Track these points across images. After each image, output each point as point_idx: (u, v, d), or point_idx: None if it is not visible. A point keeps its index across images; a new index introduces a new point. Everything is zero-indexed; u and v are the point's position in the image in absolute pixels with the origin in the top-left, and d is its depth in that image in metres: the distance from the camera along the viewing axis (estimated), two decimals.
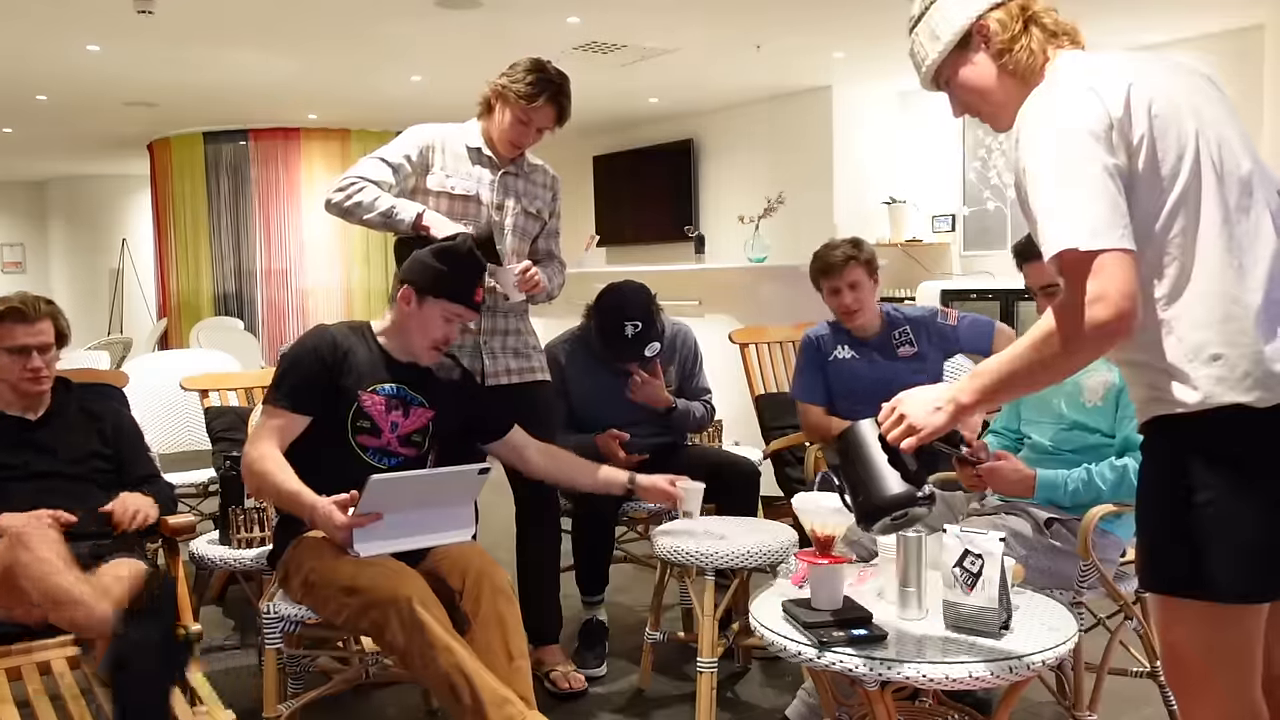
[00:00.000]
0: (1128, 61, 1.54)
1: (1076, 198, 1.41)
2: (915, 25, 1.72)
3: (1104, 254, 1.38)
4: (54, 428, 2.58)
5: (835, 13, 5.78)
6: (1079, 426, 2.52)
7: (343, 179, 2.75)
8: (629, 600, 3.80)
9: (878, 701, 1.86)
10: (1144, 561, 1.54)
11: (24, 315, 2.53)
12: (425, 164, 2.85)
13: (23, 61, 6.59)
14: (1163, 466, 1.50)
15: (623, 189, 9.34)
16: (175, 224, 9.57)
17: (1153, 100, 1.46)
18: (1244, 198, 1.47)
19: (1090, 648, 2.47)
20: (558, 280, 3.03)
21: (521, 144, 2.91)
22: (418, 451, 2.53)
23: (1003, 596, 1.88)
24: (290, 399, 2.42)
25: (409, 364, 2.54)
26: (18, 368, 2.50)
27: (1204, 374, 1.42)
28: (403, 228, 2.70)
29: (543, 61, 2.86)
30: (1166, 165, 1.45)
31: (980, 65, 1.65)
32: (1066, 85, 1.50)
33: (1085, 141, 1.43)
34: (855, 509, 1.77)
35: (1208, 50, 6.26)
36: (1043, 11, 1.63)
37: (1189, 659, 1.51)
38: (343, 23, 5.83)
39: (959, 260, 7.78)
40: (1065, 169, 1.43)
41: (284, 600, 2.41)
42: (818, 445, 3.28)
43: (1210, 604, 1.45)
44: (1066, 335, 1.43)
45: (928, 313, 3.29)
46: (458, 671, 2.09)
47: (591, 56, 6.57)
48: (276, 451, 2.37)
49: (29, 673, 2.18)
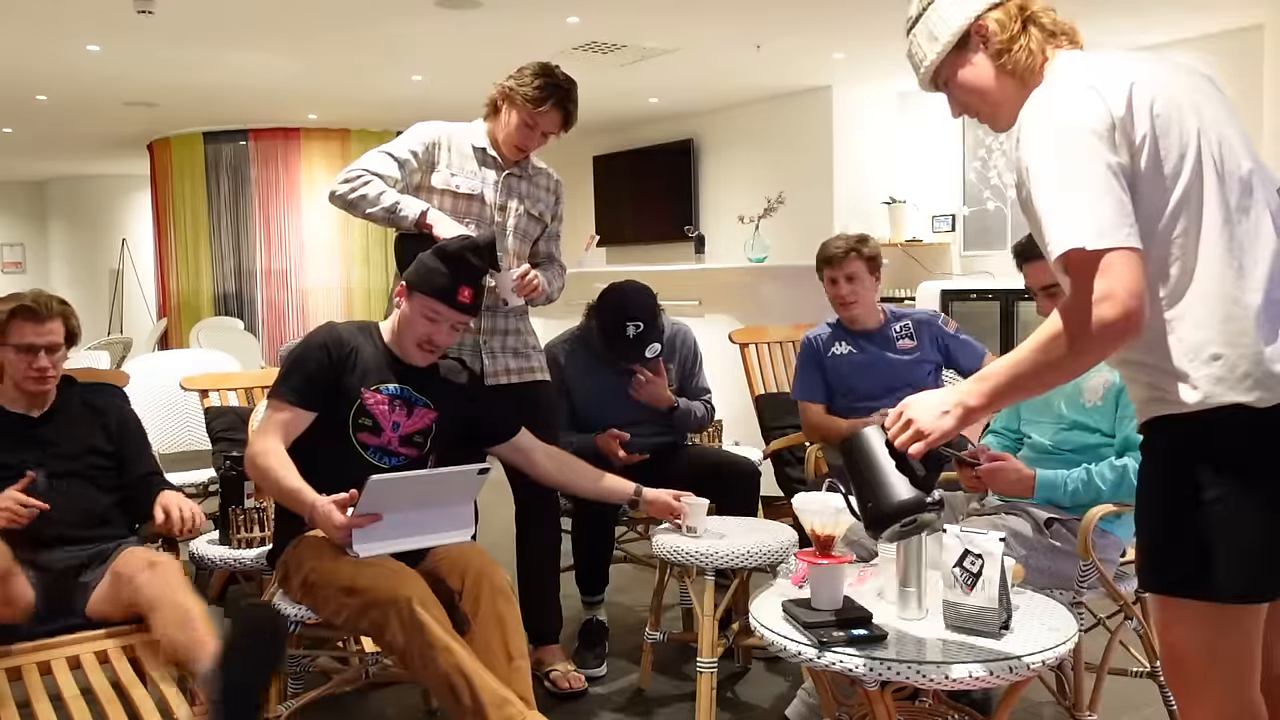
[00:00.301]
0: (1128, 61, 1.54)
1: (1081, 197, 1.40)
2: (913, 26, 1.71)
3: (1111, 253, 1.38)
4: (57, 424, 2.57)
5: (835, 13, 5.78)
6: (1079, 426, 2.52)
7: (348, 171, 2.74)
8: (629, 600, 3.80)
9: (878, 701, 1.86)
10: (1143, 561, 1.54)
11: (35, 314, 2.49)
12: (431, 161, 2.85)
13: (23, 61, 6.59)
14: (1162, 466, 1.50)
15: (623, 189, 9.35)
16: (175, 224, 9.57)
17: (1154, 99, 1.46)
18: (1244, 198, 1.47)
19: (1090, 648, 2.47)
20: (557, 284, 3.03)
21: (526, 147, 2.91)
22: (419, 452, 2.53)
23: (1003, 596, 1.88)
24: (297, 393, 2.43)
25: (410, 365, 2.54)
26: (24, 365, 2.48)
27: (1204, 374, 1.42)
28: (406, 224, 2.70)
29: (551, 66, 2.87)
30: (1169, 164, 1.45)
31: (979, 65, 1.64)
32: (1067, 84, 1.50)
33: (1088, 140, 1.42)
34: (863, 516, 1.74)
35: (1208, 50, 6.27)
36: (1041, 11, 1.63)
37: (1188, 659, 1.51)
38: (343, 23, 5.83)
39: (959, 260, 7.78)
40: (1068, 168, 1.42)
41: (284, 600, 2.41)
42: (818, 445, 3.29)
43: (1210, 604, 1.45)
44: (1073, 335, 1.42)
45: (929, 314, 3.35)
46: (457, 672, 2.09)
47: (591, 56, 6.57)
48: (280, 446, 2.37)
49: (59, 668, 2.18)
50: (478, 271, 2.52)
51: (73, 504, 2.48)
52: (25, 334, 2.48)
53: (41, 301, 2.52)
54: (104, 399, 2.71)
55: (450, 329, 2.51)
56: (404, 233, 2.75)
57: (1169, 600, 1.50)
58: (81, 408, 2.63)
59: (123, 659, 2.21)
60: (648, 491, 2.77)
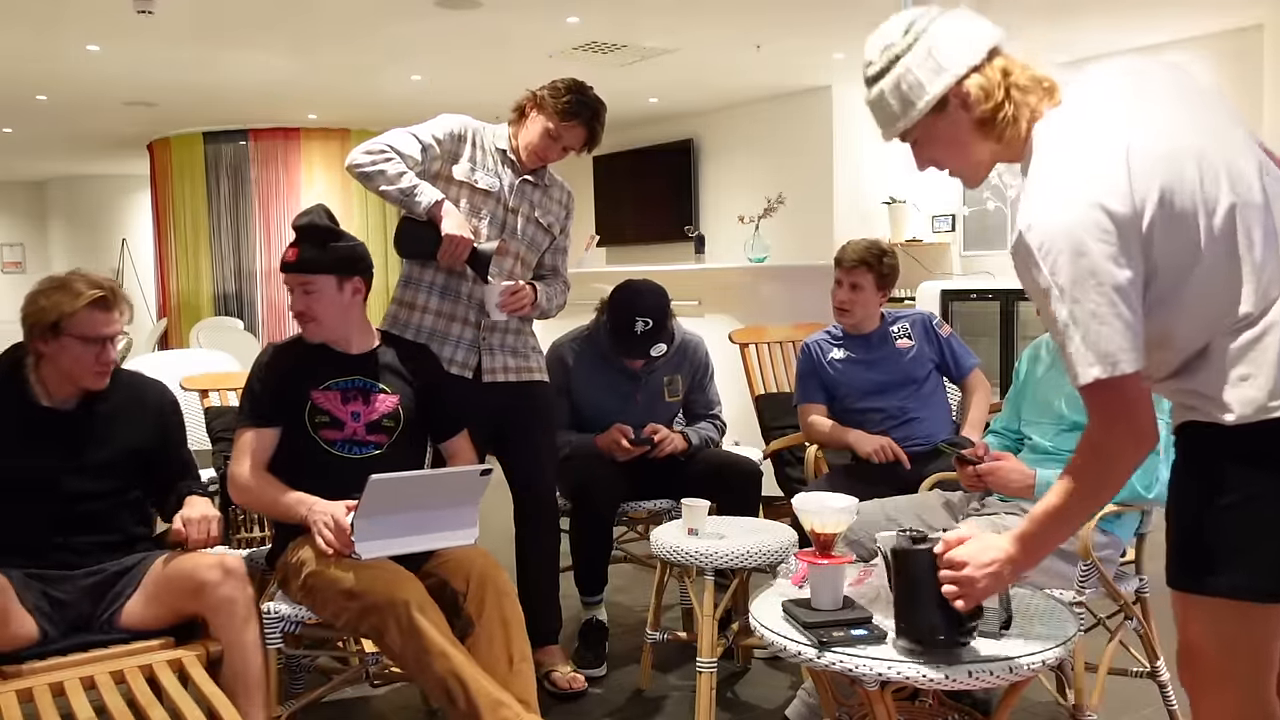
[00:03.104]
0: (1118, 116, 1.48)
1: (1092, 322, 1.41)
2: (877, 80, 1.60)
3: (1124, 379, 1.41)
4: (98, 418, 2.36)
5: (835, 13, 5.78)
6: (1079, 427, 2.52)
7: (372, 143, 2.73)
8: (629, 600, 3.80)
9: (878, 701, 1.85)
10: (1172, 557, 1.52)
11: (107, 304, 2.28)
12: (454, 153, 2.86)
13: (23, 61, 6.59)
14: (1195, 465, 1.49)
15: (623, 189, 9.35)
16: (175, 224, 9.57)
17: (1153, 167, 1.42)
18: (1265, 220, 1.45)
19: (1090, 648, 2.47)
20: (558, 300, 3.04)
21: (546, 158, 2.93)
22: (389, 438, 2.53)
23: (1003, 596, 1.88)
24: (252, 414, 2.50)
25: (357, 356, 2.57)
26: (90, 359, 2.27)
27: (1236, 396, 1.43)
28: (418, 209, 2.70)
29: (584, 85, 2.90)
30: (1186, 231, 1.42)
31: (957, 127, 1.57)
32: (1070, 203, 1.43)
33: (1097, 263, 1.40)
34: (896, 616, 1.82)
35: (1208, 50, 6.27)
36: (1019, 70, 1.55)
37: (1207, 655, 1.50)
38: (343, 23, 5.83)
39: (959, 260, 7.78)
40: (1079, 291, 1.41)
41: (284, 600, 2.41)
42: (817, 446, 3.29)
43: (1238, 602, 1.44)
44: (1104, 460, 1.50)
45: (924, 315, 3.36)
46: (453, 676, 2.10)
47: (591, 56, 6.56)
48: (256, 468, 2.44)
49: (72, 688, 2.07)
50: (304, 232, 2.51)
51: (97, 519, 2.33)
52: (97, 325, 2.26)
53: (108, 288, 2.30)
54: (151, 393, 2.51)
55: (302, 294, 2.48)
56: (409, 216, 2.76)
57: (1191, 597, 1.49)
58: (128, 401, 2.42)
59: (139, 678, 2.11)
60: None
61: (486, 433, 2.86)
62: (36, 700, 2.02)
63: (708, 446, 3.35)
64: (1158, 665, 2.54)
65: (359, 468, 2.38)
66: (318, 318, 2.50)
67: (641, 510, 3.29)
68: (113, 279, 2.39)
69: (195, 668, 2.16)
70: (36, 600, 2.21)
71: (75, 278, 2.31)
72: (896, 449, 3.03)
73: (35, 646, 2.16)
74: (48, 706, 2.00)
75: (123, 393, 2.42)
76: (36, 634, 2.17)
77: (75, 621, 2.25)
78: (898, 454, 3.02)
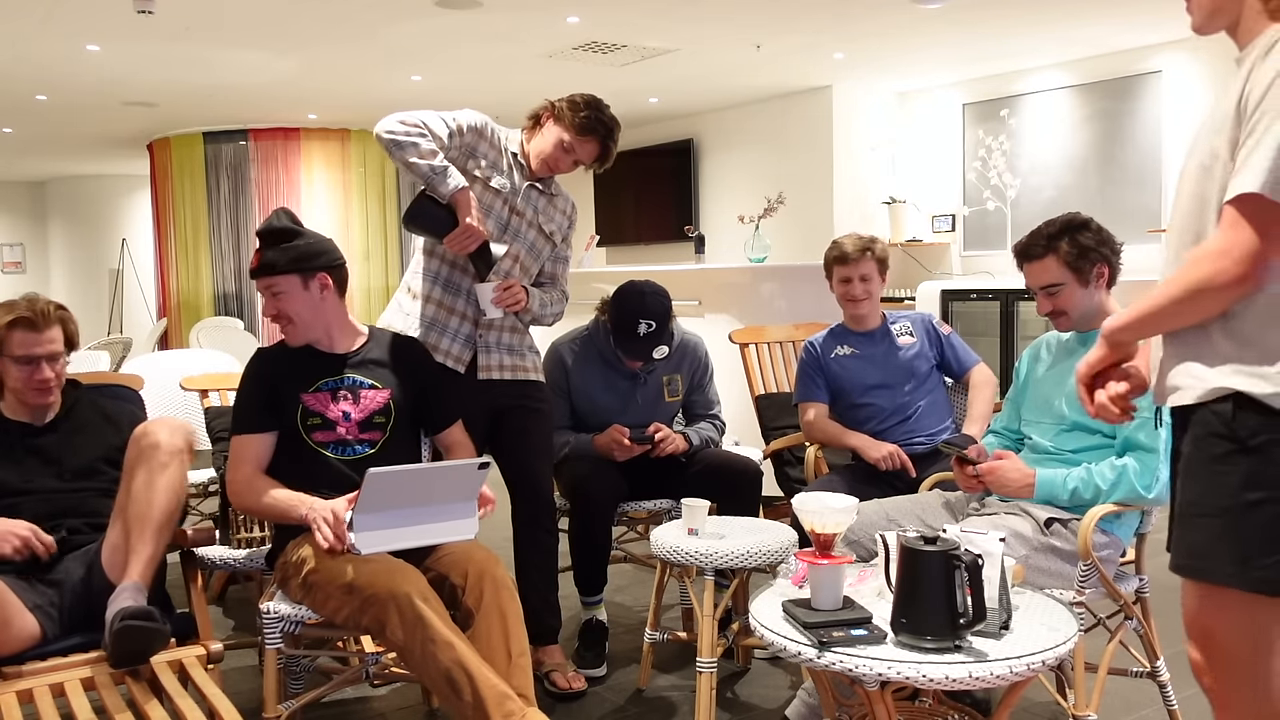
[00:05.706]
0: None
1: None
2: None
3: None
4: (63, 432, 2.49)
5: (835, 13, 5.78)
6: (1079, 427, 2.52)
7: (407, 115, 2.73)
8: (629, 600, 3.80)
9: (878, 701, 1.86)
10: (1201, 548, 1.49)
11: (33, 324, 2.40)
12: (472, 147, 2.87)
13: (23, 61, 6.59)
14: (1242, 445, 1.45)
15: (623, 189, 9.35)
16: (175, 224, 9.57)
17: None
18: None
19: (1090, 648, 2.47)
20: (554, 307, 3.05)
21: (557, 168, 2.95)
22: (382, 435, 2.54)
23: (1003, 596, 1.88)
24: (246, 421, 2.50)
25: (343, 353, 2.57)
26: (25, 377, 2.40)
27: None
28: (442, 190, 2.70)
29: (603, 103, 2.93)
30: None
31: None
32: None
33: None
34: (895, 604, 1.84)
35: (1208, 50, 6.26)
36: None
37: (1239, 656, 1.48)
38: (343, 23, 5.83)
39: (959, 260, 7.79)
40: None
41: (284, 600, 2.41)
42: (817, 445, 3.29)
43: (1267, 596, 1.43)
44: (1236, 262, 1.43)
45: (923, 315, 3.37)
46: (459, 667, 2.09)
47: (591, 56, 6.57)
48: (253, 473, 2.45)
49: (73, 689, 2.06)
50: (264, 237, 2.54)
51: (84, 519, 2.40)
52: (26, 345, 2.40)
53: (38, 309, 2.42)
54: (117, 405, 2.65)
55: (270, 297, 2.51)
56: (425, 194, 2.76)
57: (1214, 590, 1.47)
58: (92, 414, 2.56)
59: (139, 678, 2.12)
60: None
61: (483, 431, 2.87)
62: (36, 700, 2.02)
63: (708, 446, 3.35)
64: (1158, 665, 2.54)
65: (353, 469, 2.40)
66: (292, 319, 2.52)
67: (641, 510, 3.29)
68: (55, 302, 2.50)
69: (195, 668, 2.16)
70: (37, 600, 2.22)
71: (18, 300, 2.46)
72: (904, 457, 3.03)
73: (36, 647, 2.17)
74: (48, 707, 2.00)
75: (87, 408, 2.55)
76: (39, 633, 2.18)
77: (75, 621, 2.26)
78: (905, 462, 3.03)
